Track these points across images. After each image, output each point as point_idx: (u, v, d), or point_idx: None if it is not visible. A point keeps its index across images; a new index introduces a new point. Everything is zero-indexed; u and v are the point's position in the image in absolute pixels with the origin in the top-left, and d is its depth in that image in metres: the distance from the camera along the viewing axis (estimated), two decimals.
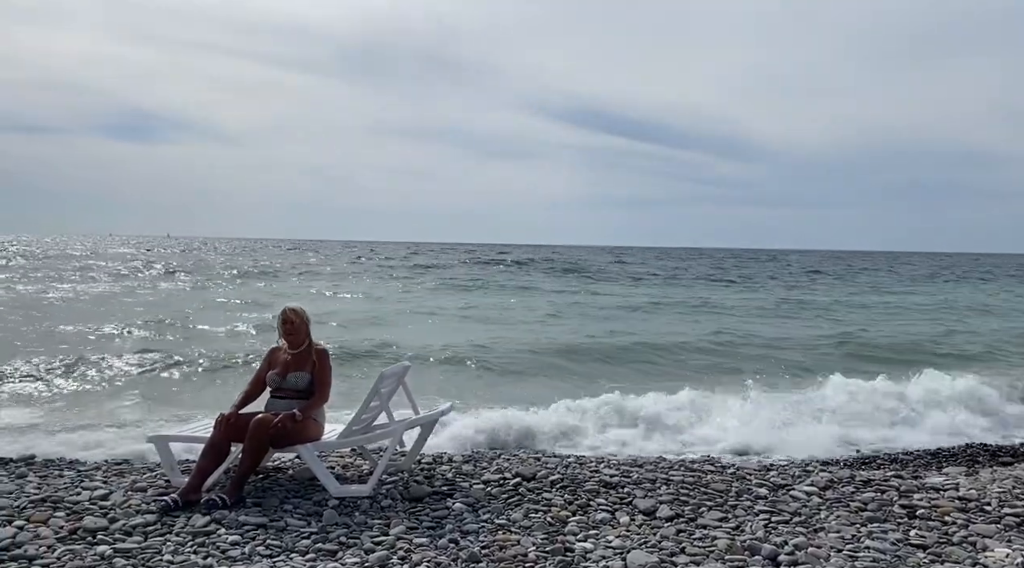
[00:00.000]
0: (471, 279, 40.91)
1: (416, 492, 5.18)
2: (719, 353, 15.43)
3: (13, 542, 4.14)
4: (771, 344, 16.65)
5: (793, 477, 5.95)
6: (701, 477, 5.77)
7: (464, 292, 32.10)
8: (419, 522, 4.66)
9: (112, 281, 32.84)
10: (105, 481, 5.40)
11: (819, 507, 5.18)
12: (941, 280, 50.51)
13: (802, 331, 19.55)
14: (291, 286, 33.00)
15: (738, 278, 47.92)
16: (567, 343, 15.74)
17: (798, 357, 14.94)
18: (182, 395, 10.52)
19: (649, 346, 15.63)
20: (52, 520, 4.49)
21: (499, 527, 4.61)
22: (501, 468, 5.88)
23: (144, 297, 25.25)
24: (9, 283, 28.81)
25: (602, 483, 5.49)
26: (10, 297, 23.17)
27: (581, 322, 20.91)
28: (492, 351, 14.35)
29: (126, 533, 4.34)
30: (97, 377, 11.07)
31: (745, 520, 4.86)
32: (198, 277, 37.12)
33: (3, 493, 4.99)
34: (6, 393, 9.79)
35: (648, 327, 19.62)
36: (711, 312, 24.50)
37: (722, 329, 18.83)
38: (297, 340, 5.41)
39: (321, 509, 4.79)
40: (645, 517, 4.88)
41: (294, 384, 5.30)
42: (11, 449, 6.74)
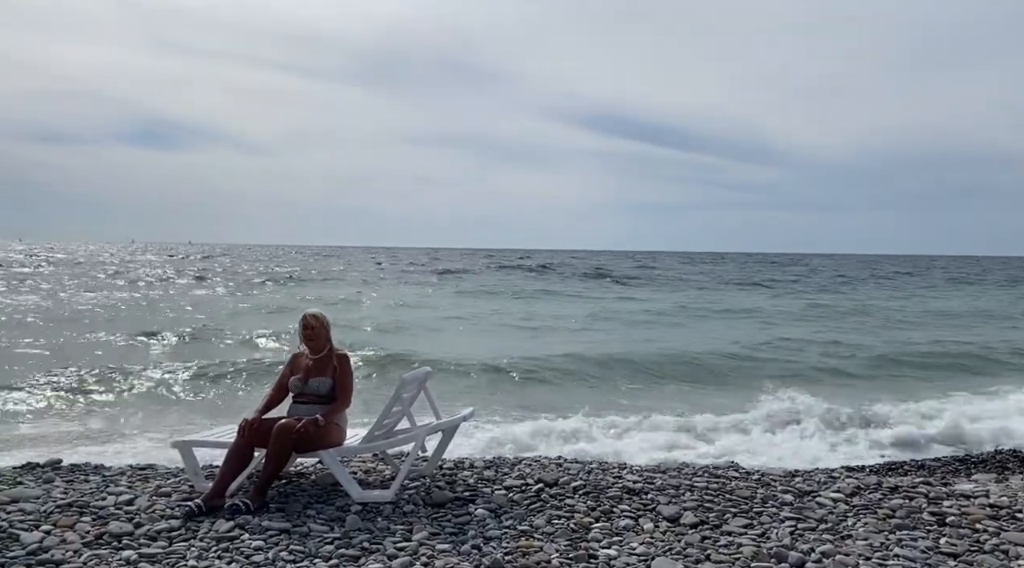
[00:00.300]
0: (499, 284, 40.71)
1: (438, 497, 5.17)
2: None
3: (40, 547, 4.17)
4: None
5: (819, 483, 5.87)
6: (725, 483, 5.71)
7: (494, 298, 31.86)
8: (441, 528, 4.64)
9: (146, 287, 33.29)
10: (130, 486, 5.44)
11: (846, 514, 5.11)
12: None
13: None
14: (322, 292, 33.04)
15: (781, 280, 47.41)
16: (626, 352, 15.39)
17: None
18: (222, 402, 10.55)
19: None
20: (79, 525, 4.52)
21: (522, 533, 4.58)
22: (523, 474, 5.85)
23: (180, 303, 25.50)
24: (48, 291, 29.13)
25: (625, 489, 5.44)
26: (49, 306, 23.32)
27: (654, 330, 20.45)
28: (545, 361, 14.07)
29: (151, 538, 4.37)
30: (133, 386, 11.16)
31: (771, 527, 4.80)
32: (229, 283, 37.49)
33: (30, 498, 5.04)
34: (46, 401, 9.92)
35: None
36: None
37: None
38: (318, 345, 5.42)
39: (344, 514, 4.79)
40: (669, 524, 4.83)
41: (316, 389, 5.31)
42: (40, 454, 6.81)
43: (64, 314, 21.01)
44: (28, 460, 6.45)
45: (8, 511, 4.75)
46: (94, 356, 13.65)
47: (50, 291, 29.36)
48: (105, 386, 11.00)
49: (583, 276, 51.31)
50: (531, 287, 38.79)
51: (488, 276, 50.16)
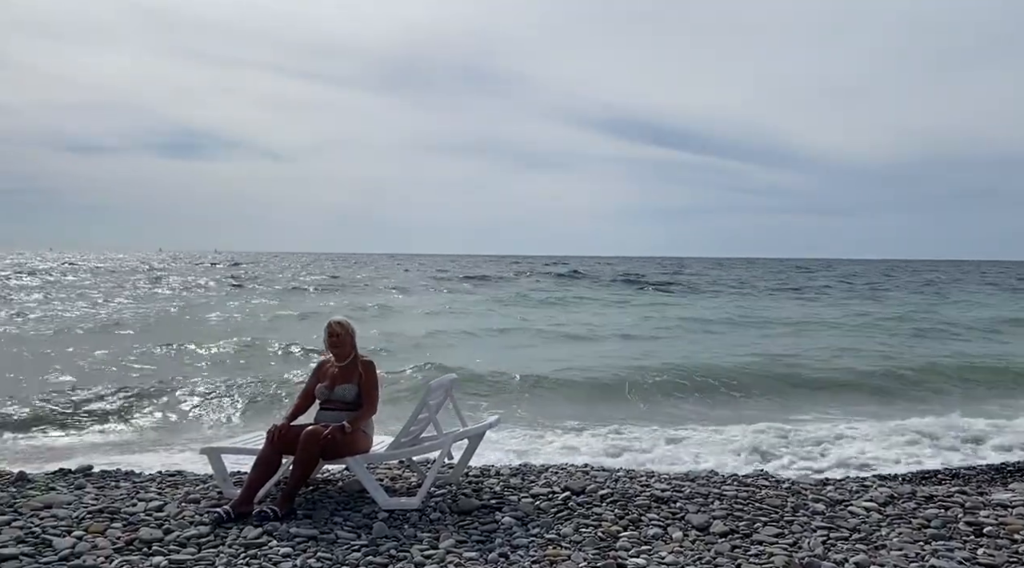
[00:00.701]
0: (535, 290, 40.20)
1: (465, 505, 5.15)
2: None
3: (72, 552, 4.21)
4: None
5: (851, 492, 5.77)
6: (755, 492, 5.63)
7: (534, 304, 31.22)
8: (468, 536, 4.62)
9: (189, 295, 33.73)
10: (160, 492, 5.48)
11: (879, 523, 5.02)
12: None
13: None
14: (358, 299, 32.80)
15: (828, 287, 46.15)
16: (701, 365, 14.42)
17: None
18: (261, 410, 10.54)
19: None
20: (109, 531, 4.56)
21: (549, 542, 4.55)
22: (549, 481, 5.82)
23: (225, 311, 25.57)
24: (96, 300, 29.42)
25: (653, 498, 5.39)
26: (100, 314, 23.39)
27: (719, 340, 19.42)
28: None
29: (180, 544, 4.39)
30: (170, 394, 11.21)
31: (802, 536, 4.72)
32: (268, 290, 37.78)
33: (63, 504, 5.09)
34: (82, 409, 10.04)
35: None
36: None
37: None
38: (343, 352, 5.44)
39: (371, 522, 4.79)
40: (699, 532, 4.77)
41: (342, 396, 5.33)
42: (72, 460, 6.90)
43: (114, 322, 21.15)
44: (60, 466, 6.54)
45: (41, 517, 4.80)
46: (141, 365, 13.73)
47: (97, 299, 29.60)
48: (145, 394, 11.04)
49: (618, 282, 50.43)
50: (568, 293, 38.06)
51: (522, 282, 49.56)
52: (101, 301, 28.79)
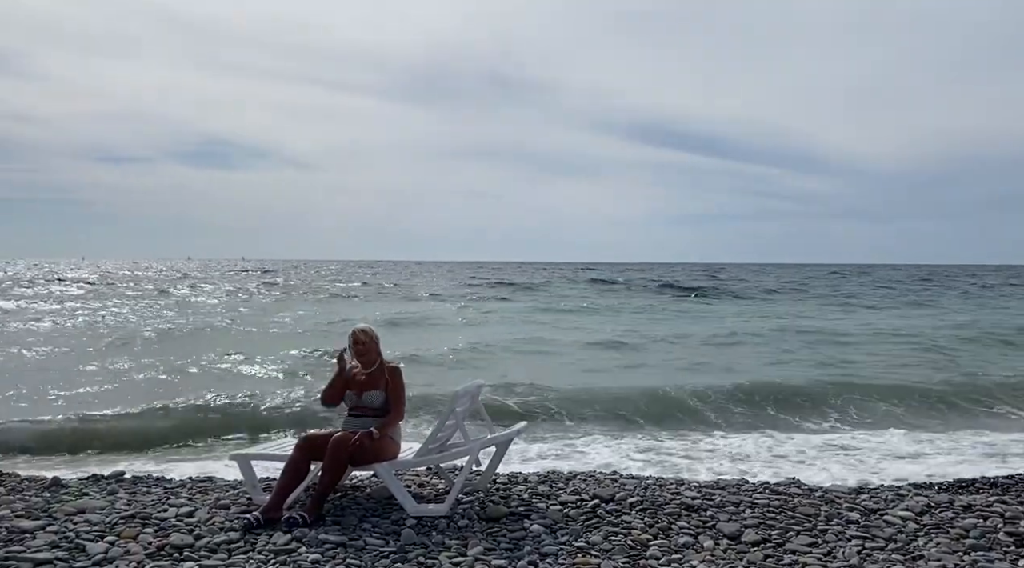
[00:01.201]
0: (577, 298, 39.19)
1: (493, 512, 5.13)
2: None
3: (105, 557, 4.25)
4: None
5: (886, 501, 5.66)
6: (787, 500, 5.54)
7: (580, 313, 29.99)
8: (497, 543, 4.59)
9: (235, 302, 34.13)
10: (190, 498, 5.53)
11: (916, 533, 4.91)
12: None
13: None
14: (400, 307, 32.32)
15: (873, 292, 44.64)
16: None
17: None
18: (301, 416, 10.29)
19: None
20: (141, 536, 4.60)
21: (578, 550, 4.51)
22: (578, 489, 5.78)
23: (278, 320, 25.34)
24: (142, 309, 29.53)
25: (683, 506, 5.32)
26: (146, 324, 23.28)
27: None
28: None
29: (211, 550, 4.41)
30: (212, 401, 11.24)
31: (837, 545, 4.64)
32: (311, 298, 37.91)
33: (95, 509, 5.15)
34: (120, 415, 10.13)
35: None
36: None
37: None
38: (369, 360, 5.45)
39: (399, 528, 4.78)
40: (730, 541, 4.70)
41: (370, 402, 5.34)
42: (104, 466, 6.98)
43: (161, 331, 21.22)
44: (93, 472, 6.61)
45: (75, 521, 4.86)
46: (186, 373, 13.70)
47: (143, 309, 29.77)
48: (188, 403, 11.12)
49: (652, 287, 49.14)
50: (612, 301, 36.75)
51: (562, 289, 48.13)
52: (154, 311, 28.69)
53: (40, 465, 7.65)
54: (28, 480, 6.20)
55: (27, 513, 5.06)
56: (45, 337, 19.02)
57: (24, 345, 17.18)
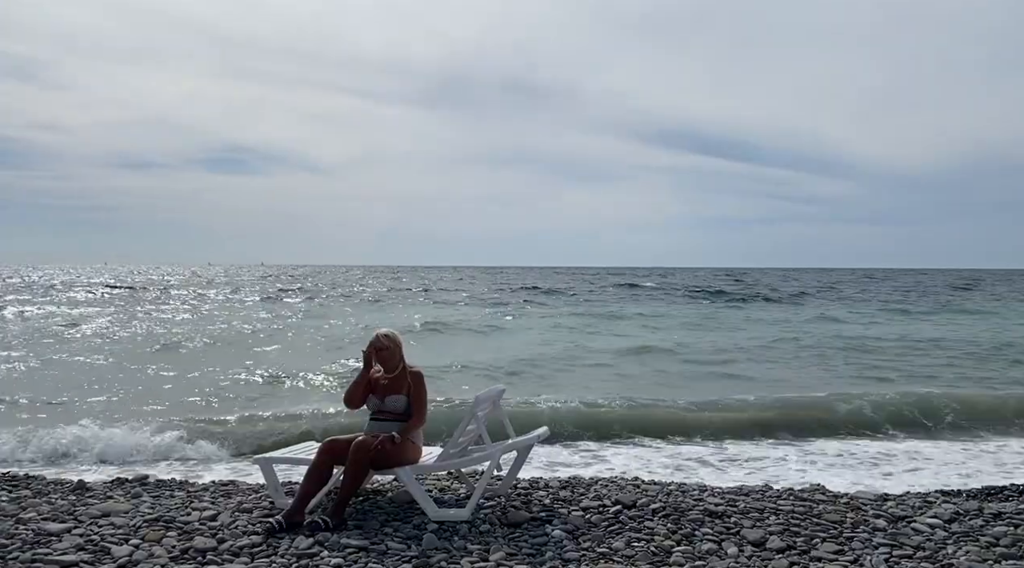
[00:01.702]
0: (613, 304, 38.08)
1: (514, 517, 5.11)
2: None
3: (130, 560, 4.28)
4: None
5: (913, 508, 5.57)
6: (812, 507, 5.47)
7: (623, 321, 28.27)
8: (518, 548, 4.57)
9: (276, 308, 34.36)
10: (213, 502, 5.55)
11: (945, 541, 4.82)
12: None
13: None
14: (438, 312, 31.86)
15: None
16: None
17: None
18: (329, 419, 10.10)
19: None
20: (165, 539, 4.63)
21: (600, 556, 4.48)
22: (600, 495, 5.74)
23: (317, 326, 25.12)
24: (171, 313, 29.86)
25: (707, 512, 5.27)
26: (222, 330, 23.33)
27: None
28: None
29: (233, 554, 4.43)
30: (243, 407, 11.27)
31: (863, 553, 4.56)
32: (347, 303, 37.91)
33: (120, 512, 5.19)
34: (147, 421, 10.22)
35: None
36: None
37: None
38: (391, 364, 5.45)
39: (420, 533, 4.77)
40: (754, 548, 4.64)
41: (392, 407, 5.34)
42: (128, 469, 7.04)
43: (206, 334, 21.34)
44: (118, 475, 6.67)
45: (100, 524, 4.90)
46: (222, 377, 13.75)
47: (175, 314, 30.02)
48: (223, 409, 11.18)
49: (686, 294, 47.58)
50: (650, 308, 34.94)
51: (599, 295, 46.66)
52: (194, 316, 28.80)
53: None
54: (54, 483, 6.26)
55: (53, 516, 5.11)
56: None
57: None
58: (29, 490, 5.92)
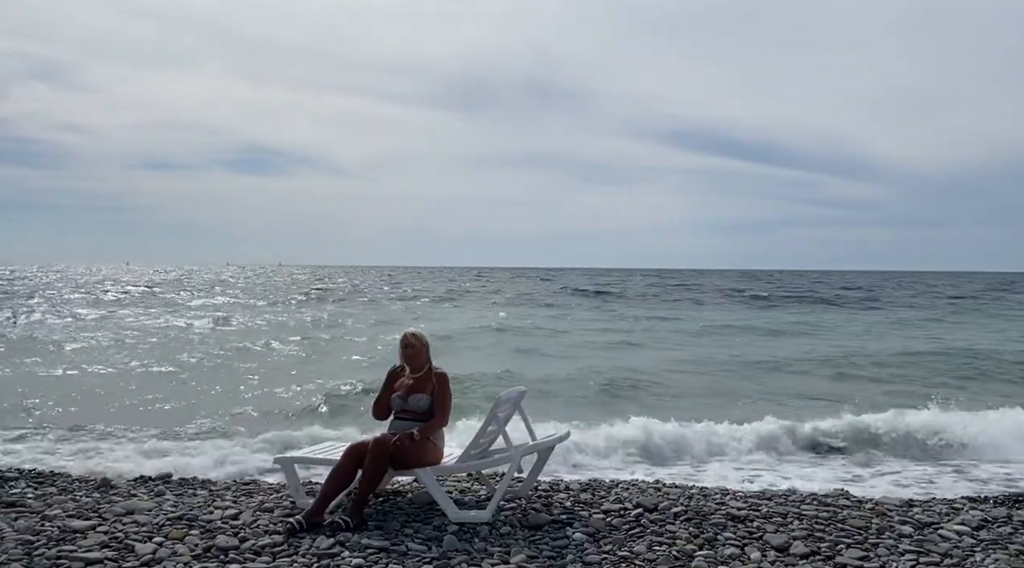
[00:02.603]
0: (666, 307, 36.81)
1: (535, 520, 5.09)
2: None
3: (153, 558, 4.31)
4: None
5: (940, 515, 5.49)
6: (836, 512, 5.40)
7: (687, 326, 26.13)
8: (539, 551, 4.55)
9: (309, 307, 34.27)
10: (235, 501, 5.59)
11: (973, 549, 4.74)
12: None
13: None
14: (480, 312, 31.31)
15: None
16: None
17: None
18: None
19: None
20: (188, 537, 4.66)
21: (622, 559, 4.45)
22: (621, 497, 5.71)
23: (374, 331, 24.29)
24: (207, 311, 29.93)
25: (729, 516, 5.22)
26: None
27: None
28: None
29: (255, 553, 4.45)
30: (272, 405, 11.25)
31: (889, 560, 4.50)
32: (392, 303, 37.70)
33: (144, 510, 5.23)
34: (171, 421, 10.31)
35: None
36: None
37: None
38: (418, 363, 5.46)
39: (441, 534, 4.77)
40: (778, 553, 4.59)
41: (416, 406, 5.35)
42: (151, 467, 7.09)
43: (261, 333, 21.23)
44: (141, 473, 6.73)
45: (124, 522, 4.95)
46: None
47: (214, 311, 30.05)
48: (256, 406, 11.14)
49: (741, 297, 46.14)
50: (718, 315, 32.77)
51: (653, 299, 44.68)
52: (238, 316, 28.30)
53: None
54: (78, 480, 6.33)
55: (78, 513, 5.17)
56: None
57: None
58: (55, 487, 5.99)
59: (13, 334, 20.78)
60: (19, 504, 5.39)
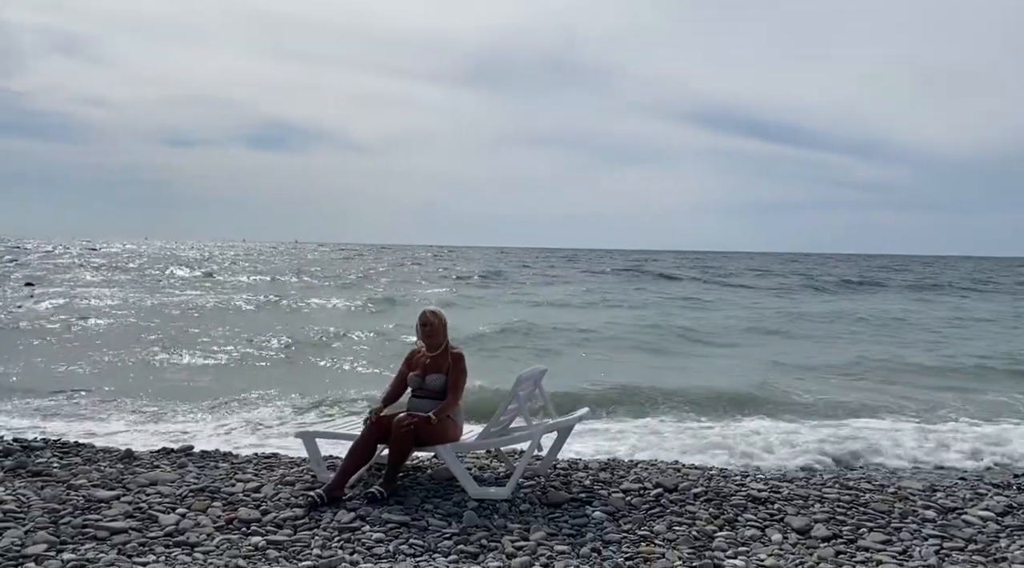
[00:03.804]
0: (710, 293, 34.88)
1: (554, 498, 5.09)
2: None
3: (177, 528, 4.36)
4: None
5: (964, 500, 5.43)
6: (859, 496, 5.36)
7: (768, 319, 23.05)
8: (558, 529, 4.56)
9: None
10: (256, 474, 5.63)
11: (998, 535, 4.69)
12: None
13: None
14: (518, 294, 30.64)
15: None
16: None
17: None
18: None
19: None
20: (211, 509, 4.70)
21: (642, 538, 4.44)
22: (640, 477, 5.69)
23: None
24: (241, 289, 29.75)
25: (750, 497, 5.19)
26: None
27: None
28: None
29: (277, 525, 4.49)
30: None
31: (912, 544, 4.46)
32: (447, 285, 36.81)
33: (167, 481, 5.29)
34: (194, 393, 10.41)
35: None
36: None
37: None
38: (435, 342, 5.45)
39: (461, 510, 4.78)
40: (799, 536, 4.57)
41: (432, 385, 5.35)
42: (173, 440, 7.17)
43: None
44: (163, 445, 6.80)
45: (148, 493, 5.00)
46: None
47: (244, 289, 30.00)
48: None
49: (779, 281, 44.49)
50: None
51: (694, 284, 42.13)
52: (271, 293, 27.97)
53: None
54: (103, 451, 6.40)
55: (103, 483, 5.23)
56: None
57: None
58: (79, 457, 6.07)
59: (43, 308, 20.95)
60: (45, 473, 5.47)
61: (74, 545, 4.08)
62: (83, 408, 9.33)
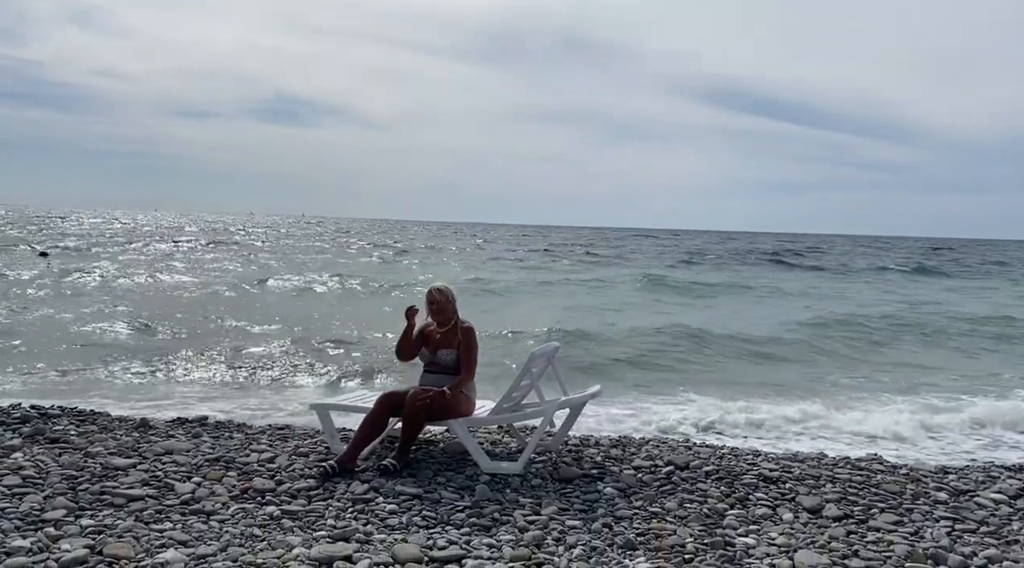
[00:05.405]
0: (748, 276, 32.92)
1: (566, 473, 5.12)
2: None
3: (192, 497, 4.41)
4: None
5: (976, 482, 5.42)
6: (870, 476, 5.36)
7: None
8: (570, 504, 4.58)
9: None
10: (270, 445, 5.68)
11: (1010, 517, 4.69)
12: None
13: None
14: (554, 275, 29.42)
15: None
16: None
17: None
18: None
19: None
20: (225, 479, 4.76)
21: (653, 515, 4.46)
22: (651, 455, 5.71)
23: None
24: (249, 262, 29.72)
25: (761, 477, 5.21)
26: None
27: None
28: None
29: (291, 496, 4.53)
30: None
31: (924, 526, 4.46)
32: (454, 261, 36.79)
33: (182, 451, 5.35)
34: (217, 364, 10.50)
35: None
36: None
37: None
38: (444, 318, 5.46)
39: (473, 484, 4.82)
40: (810, 515, 4.58)
41: (443, 360, 5.37)
42: (188, 410, 7.24)
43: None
44: (178, 415, 6.87)
45: (164, 461, 5.06)
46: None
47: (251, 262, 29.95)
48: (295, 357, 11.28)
49: (792, 263, 43.36)
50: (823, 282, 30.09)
51: (734, 266, 40.69)
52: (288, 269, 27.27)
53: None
54: (119, 419, 6.48)
55: (119, 451, 5.29)
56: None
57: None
58: (96, 426, 6.14)
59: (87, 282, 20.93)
60: (62, 440, 5.54)
61: (92, 511, 4.14)
62: (99, 378, 9.40)
